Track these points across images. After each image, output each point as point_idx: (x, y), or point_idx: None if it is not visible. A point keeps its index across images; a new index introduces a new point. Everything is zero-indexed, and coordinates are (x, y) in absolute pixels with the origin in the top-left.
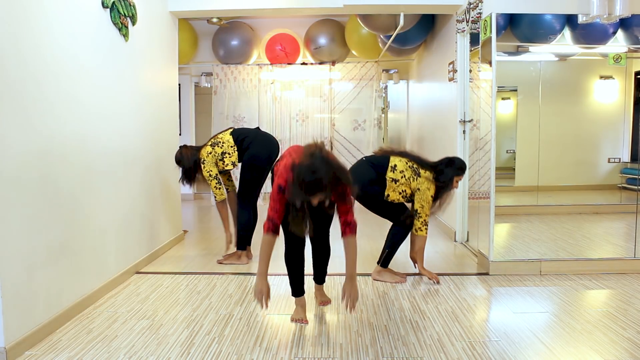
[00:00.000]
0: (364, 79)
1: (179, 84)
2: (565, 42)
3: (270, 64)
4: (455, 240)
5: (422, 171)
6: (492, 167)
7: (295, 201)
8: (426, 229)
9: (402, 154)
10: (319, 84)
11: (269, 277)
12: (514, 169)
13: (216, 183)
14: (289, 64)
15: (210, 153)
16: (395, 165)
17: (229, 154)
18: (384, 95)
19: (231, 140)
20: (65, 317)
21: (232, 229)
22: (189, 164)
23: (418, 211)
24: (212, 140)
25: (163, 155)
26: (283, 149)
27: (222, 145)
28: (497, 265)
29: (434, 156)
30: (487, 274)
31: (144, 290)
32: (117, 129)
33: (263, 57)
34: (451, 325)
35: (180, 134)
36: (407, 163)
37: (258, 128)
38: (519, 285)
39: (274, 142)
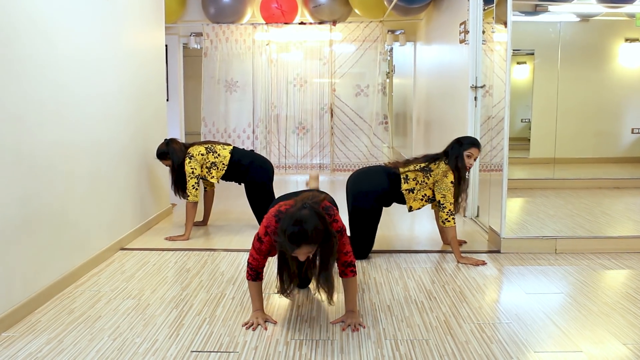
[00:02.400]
0: (367, 40)
1: (166, 45)
2: (588, 0)
3: (266, 23)
4: (464, 216)
5: (432, 166)
6: (505, 137)
7: (284, 249)
8: (453, 219)
9: (407, 162)
10: (318, 46)
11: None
12: (529, 140)
13: (195, 183)
14: (285, 23)
15: (202, 155)
16: (407, 175)
17: (218, 168)
18: (389, 58)
19: (228, 158)
20: (44, 297)
21: (191, 232)
22: (180, 160)
23: (441, 202)
24: (209, 145)
25: (149, 123)
26: (279, 114)
27: (217, 157)
28: (509, 243)
29: (442, 125)
30: (498, 251)
31: (130, 267)
32: (98, 93)
33: (258, 16)
34: (459, 306)
35: (167, 100)
36: (414, 167)
37: (252, 150)
38: (533, 264)
39: (269, 163)
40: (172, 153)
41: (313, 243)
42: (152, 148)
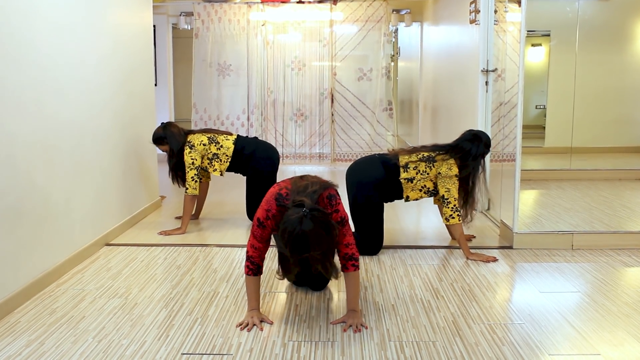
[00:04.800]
0: (370, 20)
1: (154, 26)
2: None
3: (261, 2)
4: (474, 210)
5: (437, 157)
6: (518, 125)
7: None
8: (458, 215)
9: (412, 151)
10: (317, 27)
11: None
12: (544, 128)
13: (195, 174)
14: (283, 2)
15: (204, 145)
16: (407, 164)
17: (221, 160)
18: (393, 40)
19: (231, 150)
20: (24, 296)
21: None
22: (179, 145)
23: (445, 196)
24: (211, 135)
25: (136, 110)
26: (276, 100)
27: (220, 148)
28: (522, 238)
29: (451, 112)
30: (510, 247)
31: (116, 264)
32: (81, 78)
33: None
34: (468, 306)
35: (156, 85)
36: (417, 156)
37: (256, 137)
38: (547, 260)
39: (274, 150)
40: (170, 137)
41: (317, 250)
42: (139, 136)
